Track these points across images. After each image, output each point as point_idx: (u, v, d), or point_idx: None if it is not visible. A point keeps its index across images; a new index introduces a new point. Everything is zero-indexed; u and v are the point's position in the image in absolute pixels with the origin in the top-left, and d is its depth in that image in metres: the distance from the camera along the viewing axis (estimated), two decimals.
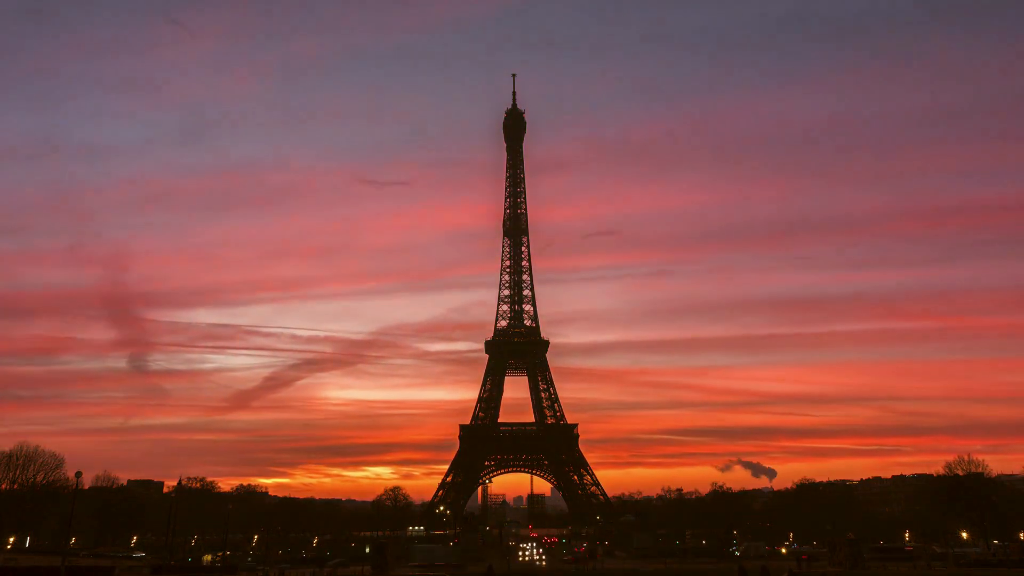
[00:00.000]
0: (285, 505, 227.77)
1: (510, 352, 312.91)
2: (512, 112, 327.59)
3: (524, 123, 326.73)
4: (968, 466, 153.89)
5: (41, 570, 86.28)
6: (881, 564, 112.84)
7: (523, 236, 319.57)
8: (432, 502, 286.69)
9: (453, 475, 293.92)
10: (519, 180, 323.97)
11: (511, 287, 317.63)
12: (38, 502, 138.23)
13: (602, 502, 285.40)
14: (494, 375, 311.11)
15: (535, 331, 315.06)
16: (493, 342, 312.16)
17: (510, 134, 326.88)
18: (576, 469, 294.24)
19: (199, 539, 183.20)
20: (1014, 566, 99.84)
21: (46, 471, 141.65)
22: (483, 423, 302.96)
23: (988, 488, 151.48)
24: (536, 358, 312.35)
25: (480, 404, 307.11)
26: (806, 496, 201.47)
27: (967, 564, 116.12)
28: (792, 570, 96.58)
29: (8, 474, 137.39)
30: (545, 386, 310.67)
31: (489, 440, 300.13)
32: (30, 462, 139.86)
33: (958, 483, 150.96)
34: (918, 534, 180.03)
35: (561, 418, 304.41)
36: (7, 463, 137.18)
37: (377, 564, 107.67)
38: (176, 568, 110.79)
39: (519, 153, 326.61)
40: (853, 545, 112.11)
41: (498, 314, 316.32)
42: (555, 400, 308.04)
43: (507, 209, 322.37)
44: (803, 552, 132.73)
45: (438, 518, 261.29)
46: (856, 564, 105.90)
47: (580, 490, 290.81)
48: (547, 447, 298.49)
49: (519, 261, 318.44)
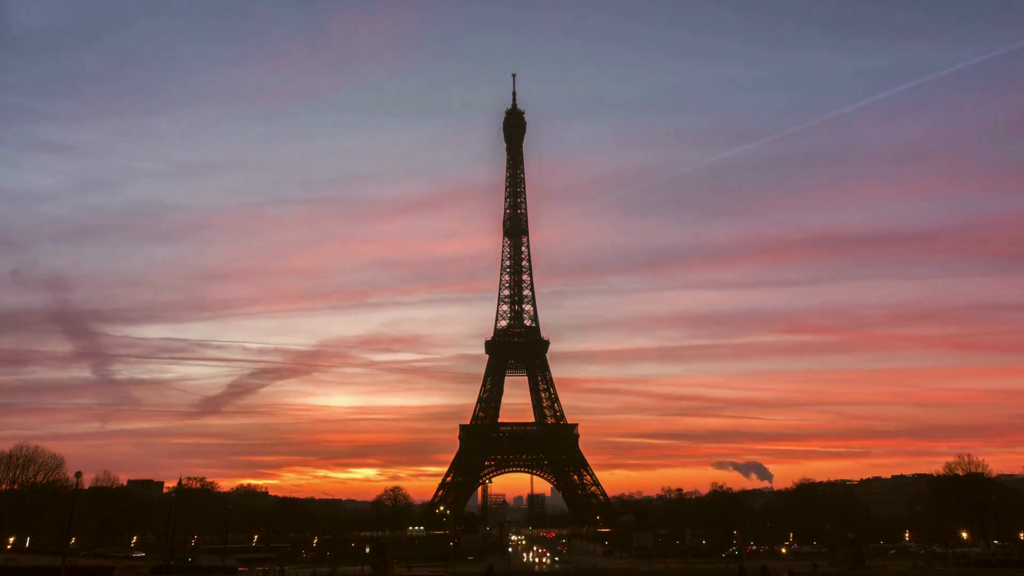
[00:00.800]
0: (285, 505, 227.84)
1: (510, 352, 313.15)
2: (512, 112, 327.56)
3: (524, 123, 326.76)
4: (968, 466, 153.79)
5: (41, 570, 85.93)
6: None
7: (523, 236, 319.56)
8: (432, 502, 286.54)
9: (453, 475, 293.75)
10: (519, 180, 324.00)
11: (511, 287, 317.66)
12: (38, 502, 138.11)
13: (602, 502, 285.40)
14: (494, 375, 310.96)
15: (535, 331, 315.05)
16: (493, 342, 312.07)
17: (510, 134, 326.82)
18: (576, 469, 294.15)
19: (198, 539, 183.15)
20: (1014, 566, 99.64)
21: (46, 471, 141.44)
22: (483, 423, 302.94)
23: (988, 488, 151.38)
24: (536, 358, 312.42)
25: (480, 404, 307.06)
26: (806, 496, 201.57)
27: (967, 564, 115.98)
28: (793, 570, 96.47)
29: (8, 474, 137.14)
30: (545, 386, 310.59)
31: (489, 440, 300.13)
32: (30, 462, 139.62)
33: (958, 483, 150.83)
34: (918, 534, 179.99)
35: (561, 418, 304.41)
36: (7, 463, 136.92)
37: (377, 564, 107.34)
38: (176, 568, 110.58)
39: (519, 153, 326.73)
40: (853, 545, 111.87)
41: (498, 314, 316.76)
42: (555, 400, 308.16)
43: (507, 209, 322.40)
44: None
45: (438, 518, 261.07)
46: (856, 564, 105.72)
47: (580, 490, 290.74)
48: (547, 447, 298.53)
49: (519, 261, 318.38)
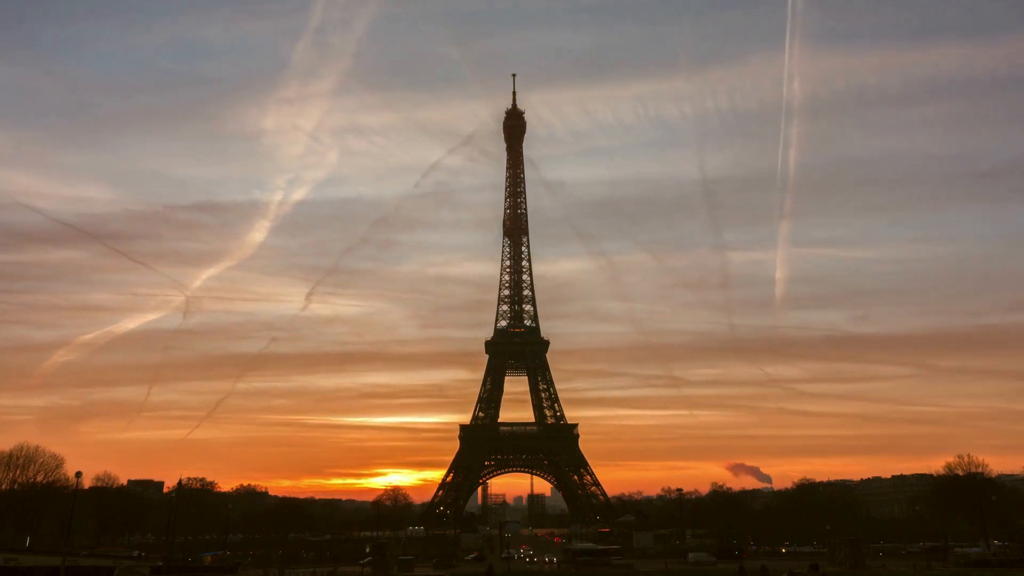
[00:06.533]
0: (285, 505, 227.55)
1: (510, 352, 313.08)
2: (512, 112, 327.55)
3: (524, 123, 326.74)
4: (968, 466, 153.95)
5: (41, 570, 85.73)
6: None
7: (523, 236, 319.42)
8: (432, 502, 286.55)
9: (453, 475, 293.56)
10: (519, 180, 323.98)
11: (511, 287, 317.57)
12: (38, 502, 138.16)
13: (602, 502, 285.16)
14: (494, 375, 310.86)
15: (535, 331, 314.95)
16: (493, 342, 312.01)
17: (510, 134, 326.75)
18: (576, 469, 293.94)
19: (194, 539, 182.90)
20: (1014, 566, 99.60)
21: (46, 471, 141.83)
22: (483, 423, 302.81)
23: (988, 488, 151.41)
24: (536, 358, 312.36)
25: (480, 404, 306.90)
26: (806, 496, 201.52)
27: (967, 564, 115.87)
28: (793, 570, 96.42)
29: (8, 474, 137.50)
30: (545, 386, 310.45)
31: (489, 440, 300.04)
32: (30, 462, 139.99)
33: (958, 483, 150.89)
34: (918, 534, 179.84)
35: (561, 418, 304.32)
36: (7, 463, 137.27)
37: (378, 564, 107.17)
38: (176, 568, 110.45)
39: (519, 153, 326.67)
40: (853, 545, 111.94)
41: (498, 314, 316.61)
42: (555, 400, 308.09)
43: (507, 209, 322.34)
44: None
45: (438, 518, 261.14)
46: (856, 564, 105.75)
47: (580, 490, 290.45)
48: (547, 447, 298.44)
49: (519, 261, 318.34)
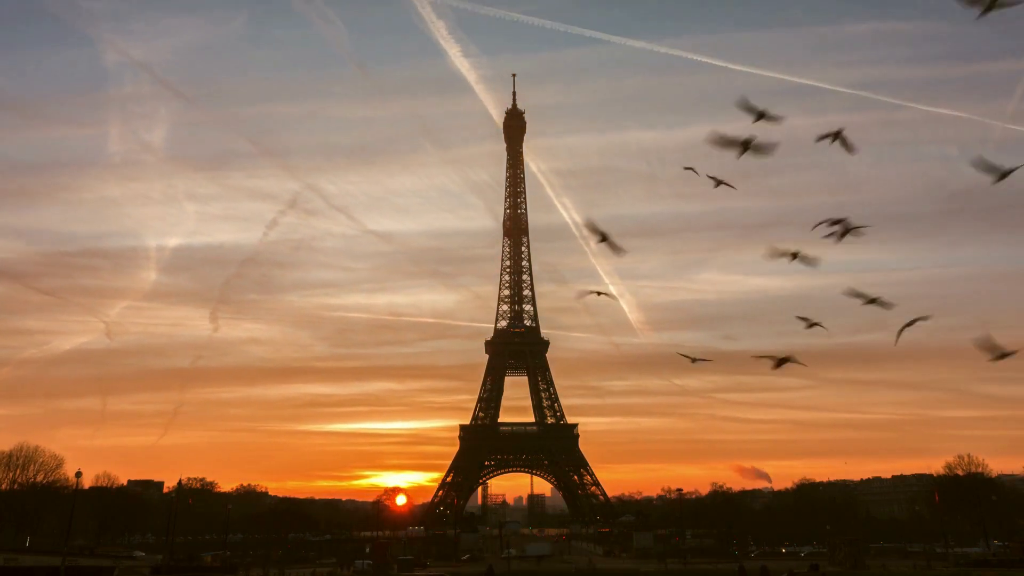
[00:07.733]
0: (285, 505, 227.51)
1: (510, 352, 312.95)
2: (512, 112, 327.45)
3: (524, 123, 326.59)
4: (968, 466, 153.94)
5: (41, 570, 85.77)
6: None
7: (523, 236, 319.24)
8: (432, 502, 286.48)
9: (453, 475, 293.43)
10: (519, 180, 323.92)
11: (511, 287, 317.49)
12: (38, 502, 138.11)
13: (602, 502, 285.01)
14: (494, 375, 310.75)
15: (535, 331, 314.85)
16: (493, 342, 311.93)
17: (510, 134, 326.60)
18: (576, 469, 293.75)
19: (194, 539, 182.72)
20: (1014, 566, 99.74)
21: (46, 471, 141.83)
22: (483, 423, 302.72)
23: (988, 488, 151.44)
24: (536, 358, 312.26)
25: (480, 404, 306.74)
26: (806, 496, 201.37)
27: (967, 564, 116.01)
28: (793, 570, 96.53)
29: (8, 474, 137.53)
30: (545, 386, 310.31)
31: (489, 440, 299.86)
32: (30, 462, 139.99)
33: (958, 483, 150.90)
34: (918, 534, 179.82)
35: (561, 418, 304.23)
36: (7, 463, 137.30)
37: (378, 564, 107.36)
38: (176, 568, 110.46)
39: (519, 153, 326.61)
40: (853, 545, 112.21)
41: (498, 314, 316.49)
42: (555, 400, 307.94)
43: (507, 209, 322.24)
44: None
45: (438, 518, 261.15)
46: (856, 564, 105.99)
47: (580, 490, 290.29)
48: (547, 447, 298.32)
49: (519, 261, 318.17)
